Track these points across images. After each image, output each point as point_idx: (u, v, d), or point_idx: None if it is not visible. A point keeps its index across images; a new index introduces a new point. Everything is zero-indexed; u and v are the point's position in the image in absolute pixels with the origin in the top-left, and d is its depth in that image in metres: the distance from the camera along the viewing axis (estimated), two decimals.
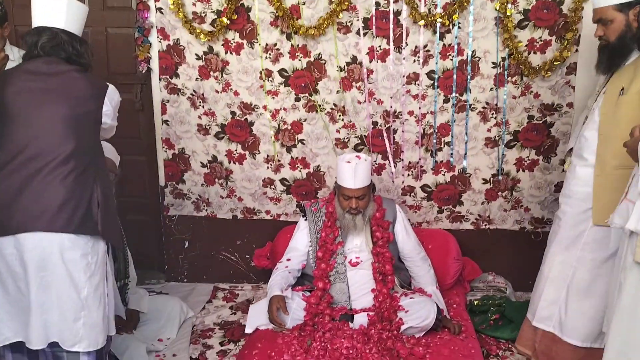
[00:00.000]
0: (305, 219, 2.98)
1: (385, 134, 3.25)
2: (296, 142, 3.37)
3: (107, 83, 2.19)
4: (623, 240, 1.86)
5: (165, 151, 3.50)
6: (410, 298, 2.73)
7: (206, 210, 3.59)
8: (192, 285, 3.64)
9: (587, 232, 2.37)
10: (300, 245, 2.95)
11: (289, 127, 3.34)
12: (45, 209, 1.98)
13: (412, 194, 3.40)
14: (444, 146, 3.29)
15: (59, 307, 2.02)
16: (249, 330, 2.72)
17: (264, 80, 3.23)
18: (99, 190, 2.08)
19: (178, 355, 2.81)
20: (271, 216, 3.54)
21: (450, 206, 3.40)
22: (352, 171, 2.74)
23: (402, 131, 3.27)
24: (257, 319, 2.73)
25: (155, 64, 3.33)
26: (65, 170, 2.00)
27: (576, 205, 2.41)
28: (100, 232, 2.07)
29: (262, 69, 3.21)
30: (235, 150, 3.42)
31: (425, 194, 3.39)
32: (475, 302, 3.11)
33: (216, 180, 3.50)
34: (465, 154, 3.28)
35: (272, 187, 3.47)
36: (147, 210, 3.74)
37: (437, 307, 2.70)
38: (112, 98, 2.17)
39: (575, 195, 2.43)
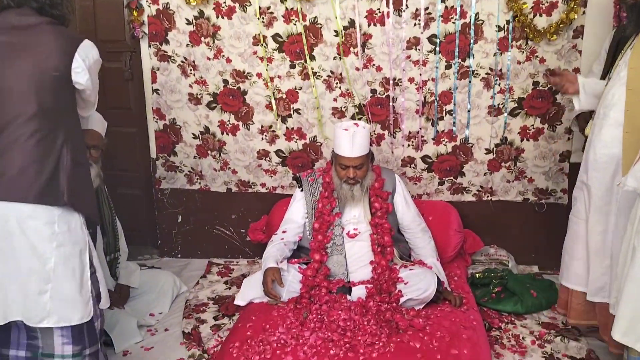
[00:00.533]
0: (302, 190, 2.86)
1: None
2: (291, 112, 3.24)
3: (85, 38, 1.94)
4: (638, 203, 1.75)
5: (156, 122, 3.38)
6: (410, 270, 2.63)
7: (199, 183, 3.48)
8: (186, 261, 3.55)
9: (619, 197, 2.26)
10: (296, 216, 2.85)
11: (284, 96, 3.21)
12: (2, 175, 1.80)
13: (412, 165, 3.28)
14: (446, 115, 3.16)
15: (18, 280, 1.84)
16: (240, 302, 2.63)
17: (261, 45, 3.09)
18: (68, 156, 1.87)
19: (170, 330, 2.73)
20: (266, 189, 3.43)
21: (452, 177, 3.29)
22: (350, 139, 2.63)
23: (402, 99, 3.14)
24: (250, 291, 2.63)
25: (144, 30, 3.19)
26: (27, 133, 1.80)
27: (603, 170, 2.30)
28: (66, 203, 1.86)
29: (259, 33, 3.07)
30: (228, 120, 3.30)
31: (426, 165, 3.27)
32: (477, 275, 3.01)
33: (209, 152, 3.39)
34: (468, 122, 3.16)
35: (267, 159, 3.35)
36: (138, 183, 3.64)
37: (438, 279, 2.60)
38: (86, 54, 1.89)
39: (601, 159, 2.31)
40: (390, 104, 3.15)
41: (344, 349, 2.16)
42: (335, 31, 3.05)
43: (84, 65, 1.88)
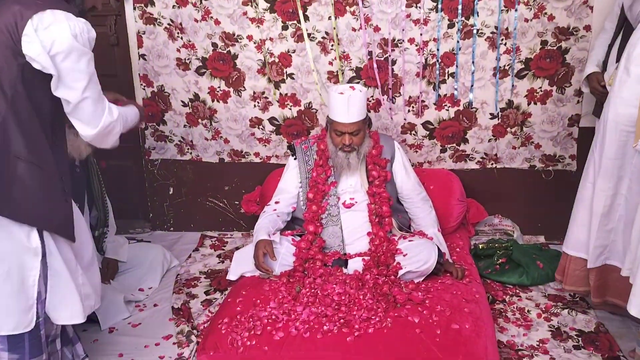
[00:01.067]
0: (295, 158, 2.71)
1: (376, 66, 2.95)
2: (285, 77, 3.07)
3: (50, 9, 1.60)
4: None
5: (144, 89, 3.22)
6: (409, 241, 2.50)
7: (190, 153, 3.34)
8: (178, 234, 3.43)
9: (634, 161, 2.10)
10: (289, 186, 2.71)
11: (277, 60, 3.03)
12: None
13: (413, 132, 3.12)
14: (448, 78, 2.98)
15: None
16: (232, 277, 2.51)
17: (251, 5, 2.90)
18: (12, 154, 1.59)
19: (160, 305, 2.62)
20: (260, 158, 3.29)
21: (454, 144, 3.13)
22: (345, 103, 2.46)
23: (402, 61, 2.96)
24: (242, 265, 2.51)
25: None
26: None
27: (620, 130, 2.13)
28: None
29: None
30: (219, 87, 3.13)
31: (427, 132, 3.11)
32: (480, 246, 2.88)
33: (199, 120, 3.23)
34: (472, 86, 2.98)
35: (261, 127, 3.20)
36: (127, 154, 3.49)
37: (439, 250, 2.46)
38: (44, 27, 1.58)
39: (619, 118, 2.13)
40: (389, 66, 2.97)
41: (338, 325, 2.04)
42: None
43: (39, 42, 1.58)
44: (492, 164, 3.15)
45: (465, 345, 1.95)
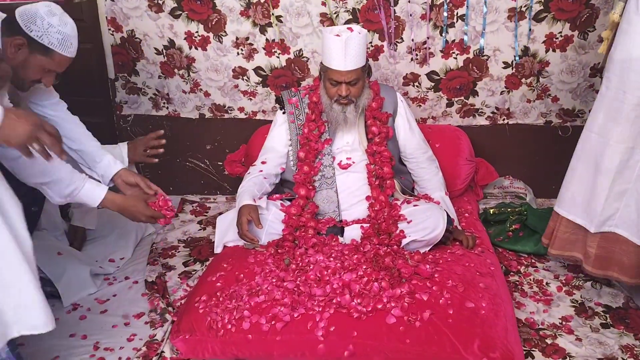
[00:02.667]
0: (284, 112, 2.38)
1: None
2: (272, 20, 2.69)
3: None
4: None
5: (112, 34, 2.84)
6: (414, 206, 2.20)
7: (167, 108, 2.99)
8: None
9: None
10: (277, 144, 2.38)
11: (262, 0, 2.65)
12: None
13: (416, 84, 2.78)
14: (457, 21, 2.63)
15: None
16: (218, 250, 2.21)
17: None
18: None
19: (132, 278, 2.33)
20: (245, 114, 2.94)
21: (462, 97, 2.79)
22: (342, 47, 2.11)
23: (406, 1, 2.59)
24: (225, 234, 2.21)
25: None
26: None
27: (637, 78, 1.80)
28: None
29: None
30: (197, 31, 2.76)
31: (432, 83, 2.77)
32: (491, 211, 2.59)
33: (176, 70, 2.87)
34: (484, 30, 2.63)
35: (245, 78, 2.84)
36: (98, 109, 3.13)
37: (447, 215, 2.16)
38: None
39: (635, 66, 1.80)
40: (391, 7, 2.61)
41: (333, 305, 1.75)
42: None
43: None
44: (503, 120, 2.83)
45: (482, 327, 1.68)
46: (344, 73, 2.15)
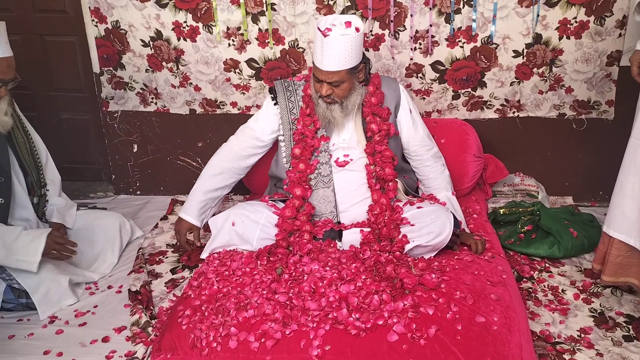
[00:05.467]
0: (276, 104, 2.19)
1: None
2: (265, 7, 2.52)
3: None
4: None
5: (96, 26, 2.67)
6: (418, 208, 2.02)
7: (155, 103, 2.82)
8: (145, 199, 2.96)
9: None
10: (261, 133, 2.20)
11: None
12: None
13: (420, 75, 2.60)
14: (464, 6, 2.45)
15: None
16: (204, 255, 2.05)
17: None
18: None
19: (114, 288, 2.16)
20: (238, 109, 2.77)
21: (470, 89, 2.61)
22: (325, 46, 1.89)
23: None
24: (214, 240, 2.04)
25: None
26: None
27: None
28: None
29: None
30: (185, 22, 2.59)
31: (437, 74, 2.59)
32: (501, 211, 2.41)
33: (164, 63, 2.70)
34: (494, 16, 2.44)
35: (237, 71, 2.67)
36: (83, 105, 3.00)
37: (454, 217, 1.99)
38: None
39: None
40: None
41: (330, 322, 1.59)
42: None
43: None
44: (514, 112, 2.65)
45: (495, 345, 1.51)
46: (324, 72, 1.96)
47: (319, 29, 1.92)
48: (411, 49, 2.53)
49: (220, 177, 2.22)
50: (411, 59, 2.56)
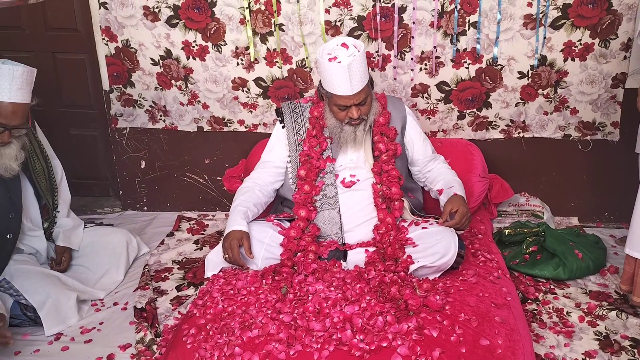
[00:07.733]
0: (283, 126, 2.22)
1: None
2: (273, 28, 2.56)
3: None
4: None
5: (107, 44, 2.71)
6: (423, 228, 2.03)
7: (164, 121, 2.85)
8: (152, 214, 2.98)
9: None
10: (276, 159, 2.21)
11: (263, 7, 2.52)
12: None
13: (425, 95, 2.62)
14: (469, 28, 2.48)
15: None
16: (208, 274, 2.05)
17: None
18: None
19: (120, 305, 2.18)
20: (245, 127, 2.80)
21: (475, 110, 2.63)
22: (346, 73, 1.92)
23: (413, 8, 2.45)
24: (218, 258, 2.05)
25: None
26: None
27: None
28: None
29: None
30: (194, 41, 2.63)
31: (443, 95, 2.61)
32: (506, 231, 2.42)
33: (173, 82, 2.74)
34: (497, 38, 2.47)
35: (245, 89, 2.70)
36: (93, 122, 3.03)
37: (459, 239, 1.99)
38: None
39: None
40: (395, 15, 2.46)
41: (333, 344, 1.59)
42: None
43: None
44: (519, 133, 2.67)
45: None
46: (352, 97, 1.99)
47: (329, 61, 1.94)
48: (411, 69, 2.56)
49: (252, 194, 2.13)
50: (412, 79, 2.58)
